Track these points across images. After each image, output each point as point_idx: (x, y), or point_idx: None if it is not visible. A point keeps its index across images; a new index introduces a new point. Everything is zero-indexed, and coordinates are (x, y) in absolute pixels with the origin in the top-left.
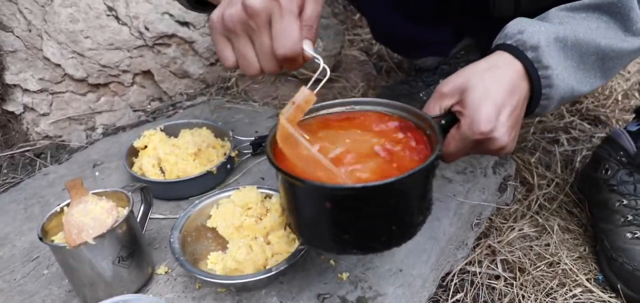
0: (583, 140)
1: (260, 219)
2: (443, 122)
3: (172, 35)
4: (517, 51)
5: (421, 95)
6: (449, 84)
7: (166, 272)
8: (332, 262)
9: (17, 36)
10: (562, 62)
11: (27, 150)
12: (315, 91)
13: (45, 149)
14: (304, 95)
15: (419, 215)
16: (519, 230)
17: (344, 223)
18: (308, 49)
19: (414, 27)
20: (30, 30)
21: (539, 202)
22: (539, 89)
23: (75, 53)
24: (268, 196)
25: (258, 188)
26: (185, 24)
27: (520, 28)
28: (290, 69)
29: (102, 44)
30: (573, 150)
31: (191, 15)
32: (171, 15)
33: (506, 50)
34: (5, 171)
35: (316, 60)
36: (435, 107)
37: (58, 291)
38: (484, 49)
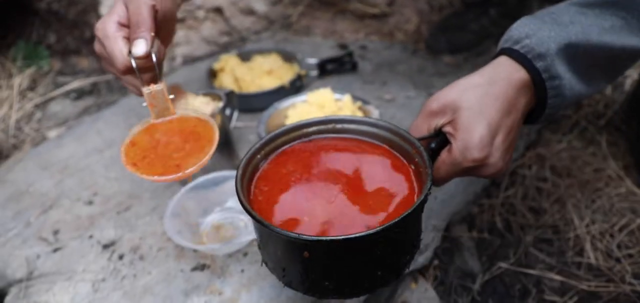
0: (636, 67)
1: None
2: (433, 144)
3: None
4: (524, 59)
5: (471, 25)
6: (440, 101)
7: None
8: None
9: None
10: (571, 70)
11: None
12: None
13: None
14: (146, 95)
15: (406, 256)
16: (568, 142)
17: (325, 272)
18: (135, 51)
19: None
20: None
21: (588, 117)
22: (545, 100)
23: None
24: (339, 99)
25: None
26: None
27: (527, 31)
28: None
29: None
30: (624, 75)
31: None
32: None
33: (511, 57)
34: (104, 92)
35: (136, 58)
36: (423, 127)
37: None
38: None
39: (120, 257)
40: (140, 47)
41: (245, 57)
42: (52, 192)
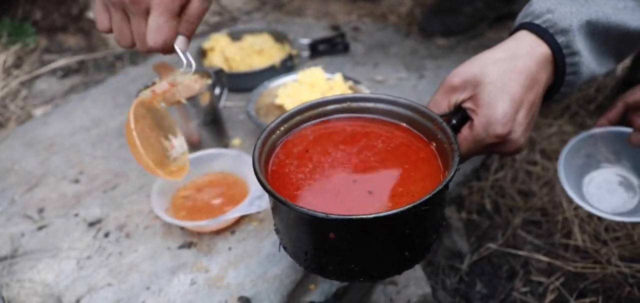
0: None
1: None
2: (454, 121)
3: None
4: (546, 33)
5: (465, 8)
6: (461, 76)
7: (240, 143)
8: None
9: None
10: (589, 47)
11: (108, 54)
12: (174, 79)
13: (123, 53)
14: (163, 88)
15: (433, 235)
16: (558, 126)
17: (352, 254)
18: (179, 45)
19: None
20: None
21: (579, 101)
22: (563, 76)
23: None
24: (330, 78)
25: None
26: None
27: (549, 6)
28: (162, 54)
29: None
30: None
31: None
32: None
33: (532, 31)
34: (92, 71)
35: (182, 58)
36: (443, 102)
37: None
38: None
39: (106, 235)
40: (183, 44)
41: (235, 36)
42: (38, 170)
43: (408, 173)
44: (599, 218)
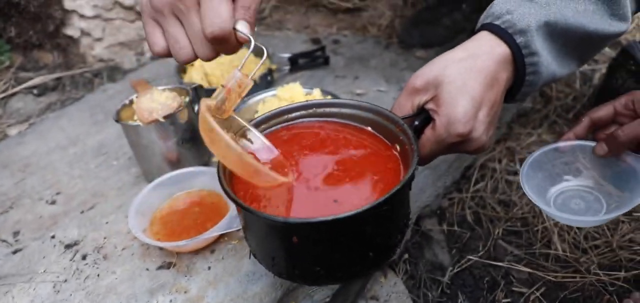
0: (603, 62)
1: None
2: (417, 122)
3: None
4: (505, 33)
5: (444, 20)
6: (423, 77)
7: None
8: None
9: None
10: (548, 48)
11: (86, 71)
12: (252, 75)
13: (101, 70)
14: (236, 78)
15: (397, 235)
16: (538, 135)
17: (315, 256)
18: (241, 28)
19: None
20: None
21: (557, 111)
22: (523, 76)
23: None
24: (309, 93)
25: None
26: None
27: (508, 8)
28: (226, 53)
29: None
30: (592, 70)
31: None
32: None
33: (492, 31)
34: (68, 88)
35: (249, 42)
36: (407, 104)
37: (127, 177)
38: None
39: (84, 257)
40: (247, 28)
41: None
42: (13, 192)
43: (371, 176)
44: (578, 228)
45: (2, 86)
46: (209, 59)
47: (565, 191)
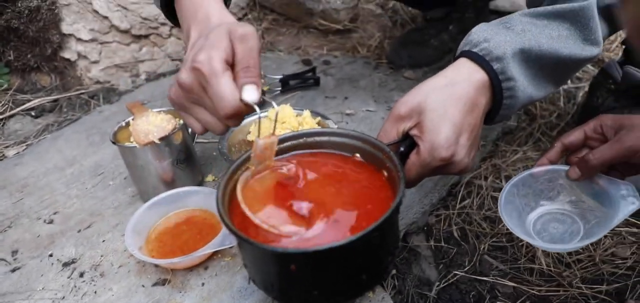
0: (587, 80)
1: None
2: (402, 148)
3: None
4: (482, 60)
5: (432, 41)
6: (407, 105)
7: (214, 180)
8: None
9: None
10: (524, 73)
11: (82, 93)
12: (271, 134)
13: (98, 91)
14: (260, 147)
15: (387, 257)
16: (523, 153)
17: (312, 282)
18: (246, 96)
19: None
20: None
21: (541, 129)
22: (501, 100)
23: (120, 6)
24: (299, 114)
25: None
26: None
27: (486, 36)
28: (240, 118)
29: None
30: (576, 88)
31: None
32: None
33: (471, 58)
34: (65, 110)
35: (254, 106)
36: (392, 131)
37: (123, 196)
38: None
39: (81, 275)
40: (253, 94)
41: None
42: (11, 211)
43: (363, 202)
44: None
45: (0, 108)
46: (237, 125)
47: (543, 215)
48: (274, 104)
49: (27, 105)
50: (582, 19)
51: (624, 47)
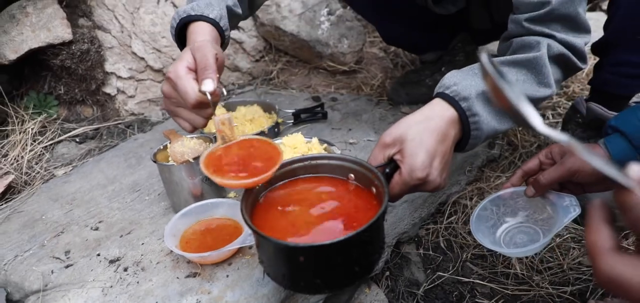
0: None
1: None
2: (387, 170)
3: None
4: (452, 100)
5: (427, 81)
6: (391, 135)
7: (234, 196)
8: None
9: (113, 36)
10: (487, 109)
11: (119, 123)
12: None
13: (133, 122)
14: (217, 122)
15: (375, 254)
16: (505, 178)
17: (316, 271)
18: (204, 87)
19: (415, 33)
20: (122, 32)
21: (522, 158)
22: (469, 132)
23: (155, 49)
24: (309, 142)
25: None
26: (237, 27)
27: (455, 81)
28: (212, 112)
29: (174, 43)
30: (556, 122)
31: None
32: None
33: (443, 99)
34: (105, 137)
35: (208, 93)
36: (379, 156)
37: (157, 208)
38: (478, 39)
39: (125, 269)
40: (209, 85)
41: (230, 107)
42: (62, 220)
43: (356, 211)
44: (535, 254)
45: (50, 135)
46: (204, 125)
47: (510, 229)
48: (223, 90)
49: (73, 132)
50: (535, 66)
51: (590, 86)
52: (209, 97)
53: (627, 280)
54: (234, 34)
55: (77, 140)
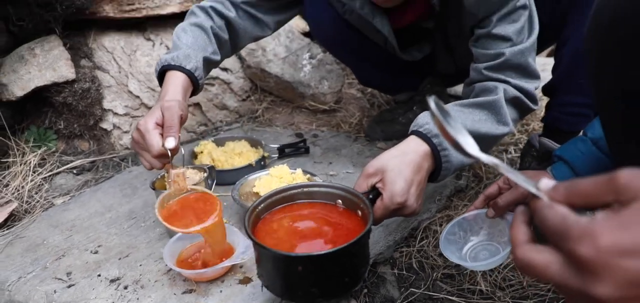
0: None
1: None
2: (371, 196)
3: (216, 78)
4: (426, 137)
5: (400, 119)
6: (373, 166)
7: (226, 222)
8: None
9: (111, 76)
10: None
11: (114, 156)
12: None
13: (127, 155)
14: (172, 175)
15: (361, 268)
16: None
17: (313, 280)
18: (167, 144)
19: (387, 76)
20: (120, 72)
21: (486, 187)
22: (440, 164)
23: (149, 88)
24: (293, 172)
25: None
26: (225, 69)
27: (427, 120)
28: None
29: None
30: (518, 157)
31: (229, 63)
32: None
33: (418, 136)
34: (101, 169)
35: (169, 150)
36: (363, 184)
37: (153, 234)
38: (445, 81)
39: (125, 287)
40: (171, 143)
41: (219, 142)
42: (63, 244)
43: (345, 230)
44: (498, 272)
45: (49, 166)
46: (161, 168)
47: (474, 247)
48: (182, 149)
49: (71, 164)
50: (494, 108)
51: (543, 123)
52: (169, 152)
53: (537, 263)
54: (223, 75)
55: (75, 172)
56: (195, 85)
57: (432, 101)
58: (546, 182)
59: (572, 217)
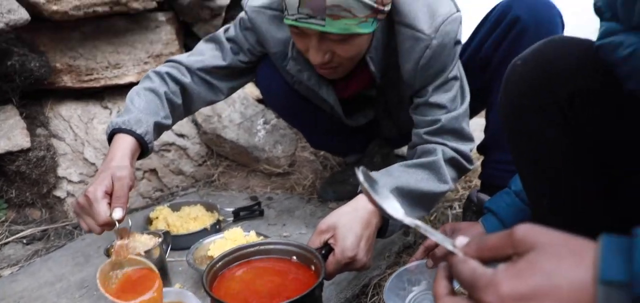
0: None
1: None
2: (323, 251)
3: (172, 144)
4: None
5: (351, 180)
6: (326, 223)
7: (180, 287)
8: None
9: (67, 144)
10: (400, 202)
11: (67, 224)
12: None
13: None
14: (117, 245)
15: None
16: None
17: None
18: (114, 215)
19: (336, 140)
20: (76, 140)
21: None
22: (388, 220)
23: (105, 155)
24: (247, 235)
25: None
26: (181, 135)
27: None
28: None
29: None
30: (461, 211)
31: (185, 129)
32: (172, 130)
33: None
34: (52, 238)
35: (117, 222)
36: (316, 240)
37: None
38: (391, 143)
39: None
40: (118, 213)
41: (175, 207)
42: None
43: (298, 284)
44: None
45: None
46: (100, 233)
47: (416, 297)
48: (129, 221)
49: (21, 234)
50: (434, 168)
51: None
52: (116, 223)
53: None
54: (179, 141)
55: (25, 241)
56: (144, 148)
57: (360, 172)
58: (461, 239)
59: (479, 269)
